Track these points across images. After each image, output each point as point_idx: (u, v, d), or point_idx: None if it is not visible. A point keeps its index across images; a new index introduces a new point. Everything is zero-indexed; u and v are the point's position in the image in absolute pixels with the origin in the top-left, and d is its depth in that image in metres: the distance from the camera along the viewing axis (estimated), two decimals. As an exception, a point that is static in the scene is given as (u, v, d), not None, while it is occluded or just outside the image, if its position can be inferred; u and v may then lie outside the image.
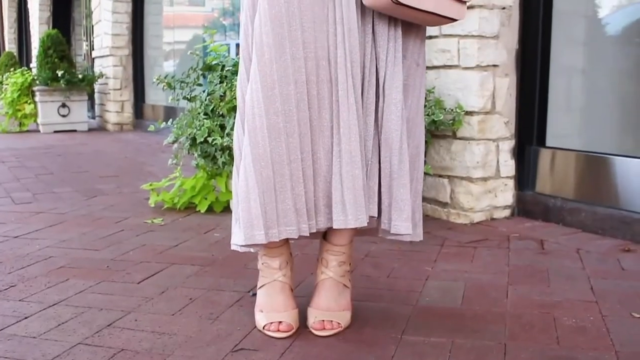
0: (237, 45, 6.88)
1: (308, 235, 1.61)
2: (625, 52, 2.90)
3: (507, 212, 3.04)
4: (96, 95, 9.04)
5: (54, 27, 12.94)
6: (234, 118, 2.70)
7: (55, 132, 8.34)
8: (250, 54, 1.60)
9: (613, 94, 2.94)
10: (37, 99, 8.32)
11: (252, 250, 1.68)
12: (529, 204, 3.01)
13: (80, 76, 8.34)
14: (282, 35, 1.52)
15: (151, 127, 3.27)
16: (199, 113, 2.87)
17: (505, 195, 3.02)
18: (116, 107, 8.48)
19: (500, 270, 2.22)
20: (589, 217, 2.76)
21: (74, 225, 2.98)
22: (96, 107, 9.21)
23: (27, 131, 8.59)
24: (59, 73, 8.10)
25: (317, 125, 1.58)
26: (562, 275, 2.17)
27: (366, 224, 1.59)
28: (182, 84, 3.00)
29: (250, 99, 1.54)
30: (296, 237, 1.59)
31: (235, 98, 2.66)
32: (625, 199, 2.69)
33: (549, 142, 3.04)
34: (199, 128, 2.82)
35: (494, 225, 2.89)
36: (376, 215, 1.66)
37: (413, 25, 1.66)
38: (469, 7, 2.82)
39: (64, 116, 8.38)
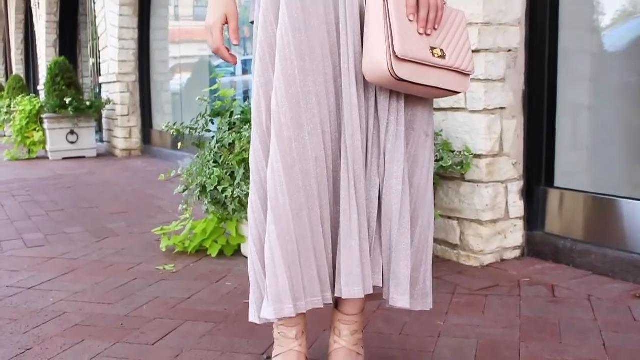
0: (243, 62, 6.91)
1: (332, 302, 1.64)
2: (632, 88, 2.91)
3: (517, 253, 3.05)
4: (104, 121, 9.10)
5: (60, 50, 13.08)
6: (244, 169, 2.73)
7: (64, 158, 8.40)
8: (264, 129, 1.63)
9: (621, 131, 2.95)
10: (45, 126, 8.39)
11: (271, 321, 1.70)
12: (538, 244, 3.02)
13: (88, 103, 8.40)
14: (300, 114, 1.55)
15: (161, 177, 3.29)
16: (208, 161, 2.89)
17: (515, 236, 3.03)
18: (124, 133, 8.53)
19: (511, 324, 2.23)
20: (599, 260, 2.77)
21: (87, 274, 3.00)
22: (104, 132, 9.26)
23: (36, 158, 8.66)
24: (67, 100, 8.17)
25: (333, 198, 1.61)
26: (574, 329, 2.17)
27: (363, 296, 1.62)
28: (191, 131, 3.02)
29: (272, 177, 1.56)
30: (322, 307, 1.62)
31: (244, 150, 2.69)
32: (634, 242, 2.70)
33: (558, 181, 3.05)
34: (208, 176, 2.84)
35: (504, 268, 2.90)
36: (381, 285, 1.68)
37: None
38: (474, 51, 2.84)
39: (72, 143, 8.44)
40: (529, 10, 2.97)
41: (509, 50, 2.94)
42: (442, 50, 1.58)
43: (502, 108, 2.93)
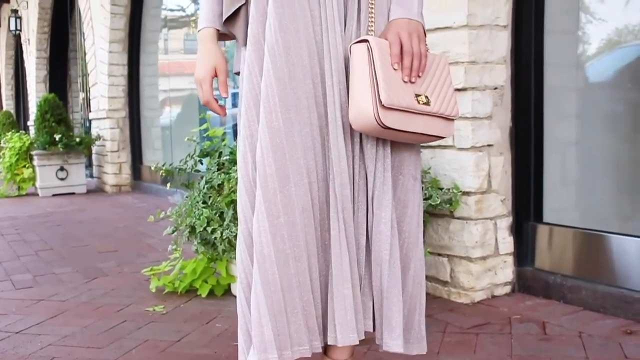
0: (232, 95, 6.94)
1: (321, 351, 1.63)
2: (617, 122, 2.94)
3: (507, 289, 3.05)
4: (94, 157, 9.10)
5: (50, 85, 13.11)
6: (232, 210, 2.73)
7: (54, 195, 8.38)
8: (250, 179, 1.63)
9: (608, 165, 2.98)
10: (35, 163, 8.38)
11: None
12: (529, 280, 3.02)
13: (77, 139, 8.41)
14: (285, 165, 1.55)
15: (150, 218, 3.28)
16: (197, 201, 2.89)
17: (505, 272, 3.03)
18: (114, 168, 8.53)
19: (503, 364, 2.23)
20: (589, 295, 2.77)
21: (76, 316, 2.98)
22: (94, 168, 9.26)
23: (26, 194, 8.64)
24: (57, 137, 8.17)
25: (321, 246, 1.61)
26: (566, 368, 2.17)
27: (358, 342, 1.61)
28: (180, 171, 3.03)
29: (257, 227, 1.56)
30: (309, 356, 1.61)
31: (233, 191, 2.69)
32: (624, 278, 2.71)
33: (547, 217, 3.06)
34: (197, 217, 2.84)
35: (495, 305, 2.89)
36: (372, 330, 1.67)
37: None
38: (461, 89, 2.87)
39: (62, 179, 8.42)
40: (514, 49, 3.00)
41: (495, 88, 2.96)
42: (426, 96, 1.60)
43: (489, 145, 2.95)
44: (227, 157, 2.95)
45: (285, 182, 1.55)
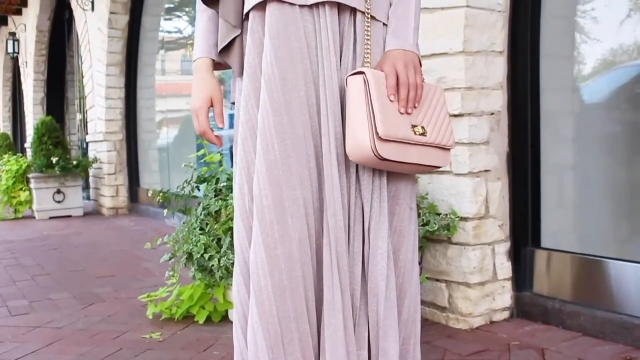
0: (229, 116, 6.96)
1: None
2: (613, 147, 2.95)
3: (506, 314, 3.04)
4: (91, 179, 9.09)
5: (48, 107, 13.12)
6: (230, 237, 2.72)
7: (51, 218, 8.36)
8: (246, 210, 1.63)
9: (605, 189, 2.98)
10: (32, 185, 8.37)
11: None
12: (527, 305, 3.01)
13: (74, 162, 8.40)
14: (281, 197, 1.55)
15: (147, 245, 3.27)
16: (194, 228, 2.88)
17: (504, 297, 3.02)
18: (111, 191, 8.52)
19: (502, 392, 2.21)
20: (588, 321, 2.76)
21: (72, 344, 2.96)
22: (91, 190, 9.24)
23: (23, 217, 8.62)
24: (54, 160, 8.16)
25: (317, 276, 1.61)
26: (565, 396, 2.15)
27: None
28: (177, 197, 3.02)
29: (254, 259, 1.56)
30: None
31: (230, 219, 2.69)
32: (623, 303, 2.70)
33: (544, 242, 3.06)
34: (195, 244, 2.83)
35: (493, 331, 2.88)
36: None
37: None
38: (458, 115, 2.87)
39: (59, 202, 8.41)
40: (510, 74, 3.02)
41: (492, 114, 2.97)
42: (423, 127, 1.60)
43: (486, 170, 2.95)
44: (225, 183, 2.94)
45: (281, 214, 1.55)
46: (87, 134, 9.45)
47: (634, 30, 2.83)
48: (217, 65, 1.80)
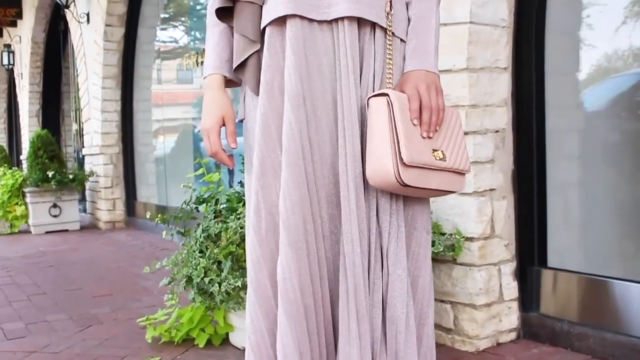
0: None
1: None
2: (619, 164, 2.89)
3: (512, 336, 2.98)
4: (87, 193, 9.02)
5: (43, 119, 13.06)
6: (230, 261, 2.66)
7: (47, 232, 8.28)
8: (263, 234, 1.59)
9: (612, 208, 2.93)
10: (28, 200, 8.30)
11: None
12: (534, 326, 2.95)
13: (71, 176, 8.32)
14: (308, 217, 1.54)
15: (146, 269, 3.20)
16: (194, 250, 2.82)
17: (510, 318, 2.96)
18: (107, 205, 8.45)
19: (514, 422, 2.15)
20: (597, 343, 2.70)
21: (69, 371, 2.89)
22: (87, 203, 9.17)
23: (19, 232, 8.54)
24: (50, 174, 8.09)
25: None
26: None
27: None
28: (176, 219, 2.96)
29: (284, 280, 1.54)
30: None
31: (231, 243, 2.62)
32: (632, 325, 2.64)
33: (551, 261, 3.00)
34: (194, 267, 2.77)
35: (500, 354, 2.82)
36: None
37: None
38: (462, 133, 2.81)
39: (55, 216, 8.34)
40: (514, 91, 2.96)
41: (497, 131, 2.92)
42: (442, 152, 1.56)
43: (492, 189, 2.90)
44: (225, 205, 2.88)
45: (306, 234, 1.53)
46: (83, 146, 9.39)
47: (641, 46, 2.78)
48: (228, 82, 1.74)
